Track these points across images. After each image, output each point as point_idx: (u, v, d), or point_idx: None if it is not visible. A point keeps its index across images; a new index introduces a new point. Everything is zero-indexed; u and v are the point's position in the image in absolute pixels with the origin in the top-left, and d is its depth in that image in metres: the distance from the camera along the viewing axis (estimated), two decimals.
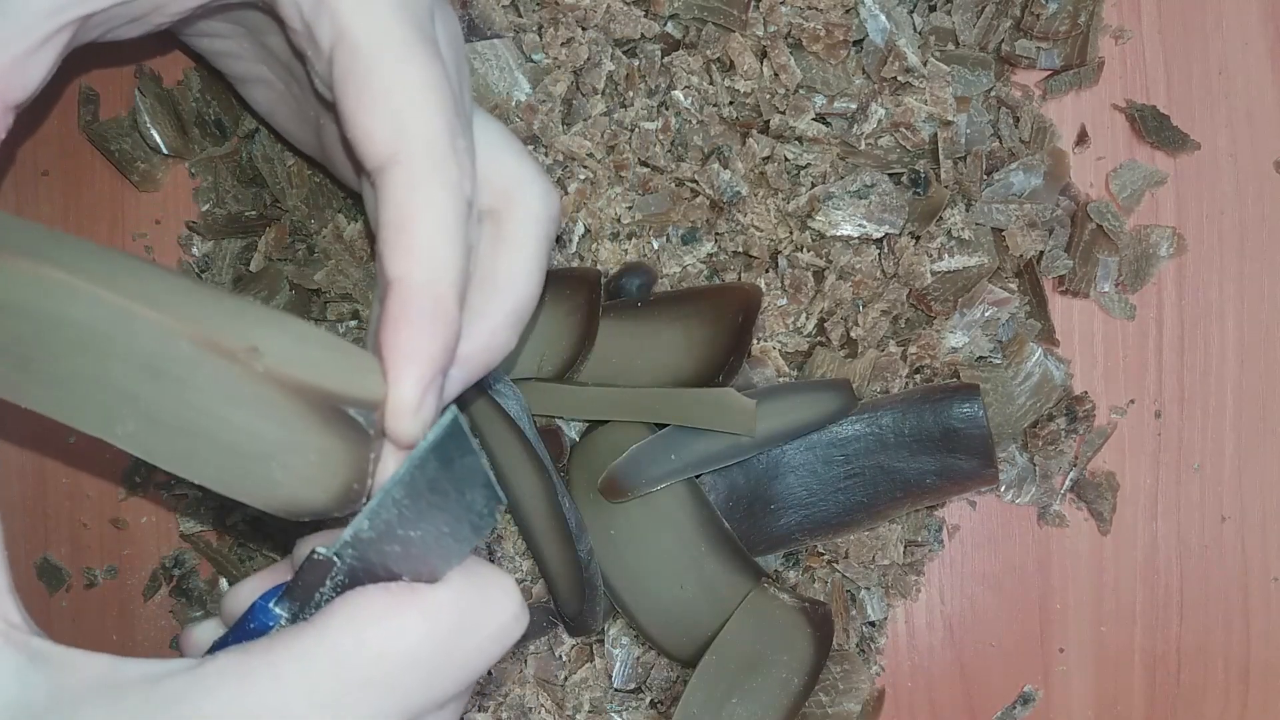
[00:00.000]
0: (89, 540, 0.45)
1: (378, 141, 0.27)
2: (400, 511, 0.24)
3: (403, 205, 0.27)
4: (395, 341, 0.26)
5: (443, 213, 0.27)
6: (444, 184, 0.27)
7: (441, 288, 0.27)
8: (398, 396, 0.26)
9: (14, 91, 0.28)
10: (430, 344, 0.27)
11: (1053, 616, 0.42)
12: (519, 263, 0.31)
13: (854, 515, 0.40)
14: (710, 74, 0.41)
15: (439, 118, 0.27)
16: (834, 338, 0.41)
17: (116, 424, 0.25)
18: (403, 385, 0.26)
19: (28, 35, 0.28)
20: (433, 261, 0.27)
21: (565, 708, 0.42)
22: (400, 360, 0.26)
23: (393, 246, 0.27)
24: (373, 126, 0.27)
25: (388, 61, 0.27)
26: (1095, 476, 0.42)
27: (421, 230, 0.27)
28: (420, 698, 0.25)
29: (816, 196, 0.40)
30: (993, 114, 0.41)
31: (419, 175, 0.27)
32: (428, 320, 0.27)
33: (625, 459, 0.39)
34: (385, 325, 0.27)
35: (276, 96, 0.38)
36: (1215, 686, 0.42)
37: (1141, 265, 0.42)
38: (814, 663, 0.39)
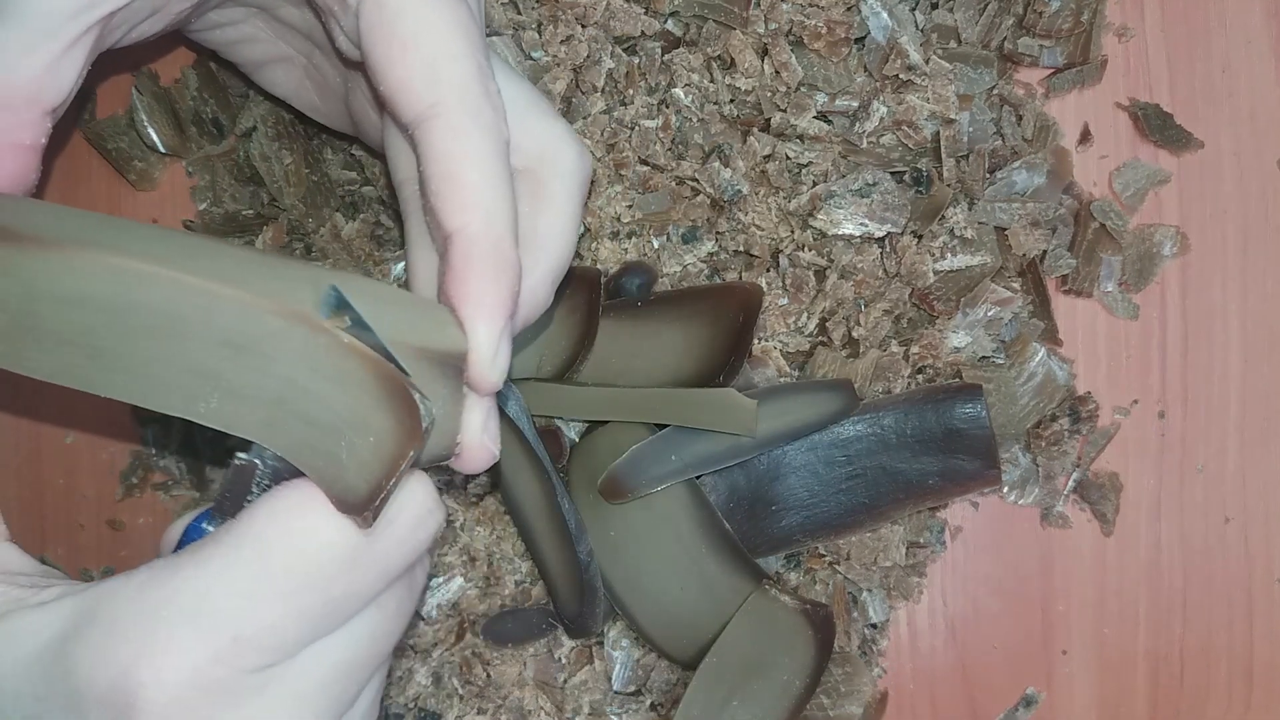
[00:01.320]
0: (86, 541, 0.45)
1: (413, 93, 0.27)
2: None
3: (449, 155, 0.27)
4: (465, 292, 0.27)
5: (488, 158, 0.28)
6: (485, 130, 0.28)
7: (499, 233, 0.27)
8: (478, 345, 0.27)
9: (49, 96, 0.28)
10: (500, 291, 0.27)
11: (1055, 618, 0.42)
12: (557, 221, 0.31)
13: (856, 516, 0.40)
14: (711, 72, 0.41)
15: (471, 62, 0.28)
16: (836, 337, 0.41)
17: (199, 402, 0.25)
18: (480, 334, 0.27)
19: (56, 39, 0.28)
20: (488, 208, 0.27)
21: (564, 710, 0.42)
22: (474, 310, 0.27)
23: (446, 199, 0.27)
24: (406, 77, 0.27)
25: (415, 9, 0.27)
26: (1098, 477, 0.42)
27: (472, 178, 0.27)
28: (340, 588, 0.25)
29: (818, 195, 0.40)
30: (995, 112, 0.41)
31: (460, 123, 0.27)
32: (492, 268, 0.27)
33: (625, 459, 0.39)
34: (451, 277, 0.27)
35: (299, 73, 0.38)
36: (1219, 688, 0.42)
37: (1145, 265, 0.42)
38: (815, 665, 0.39)
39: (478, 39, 0.28)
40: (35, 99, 0.28)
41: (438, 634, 0.42)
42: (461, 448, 0.27)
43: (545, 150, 0.31)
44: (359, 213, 0.43)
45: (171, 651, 0.24)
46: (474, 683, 0.42)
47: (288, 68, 0.38)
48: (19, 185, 0.29)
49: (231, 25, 0.36)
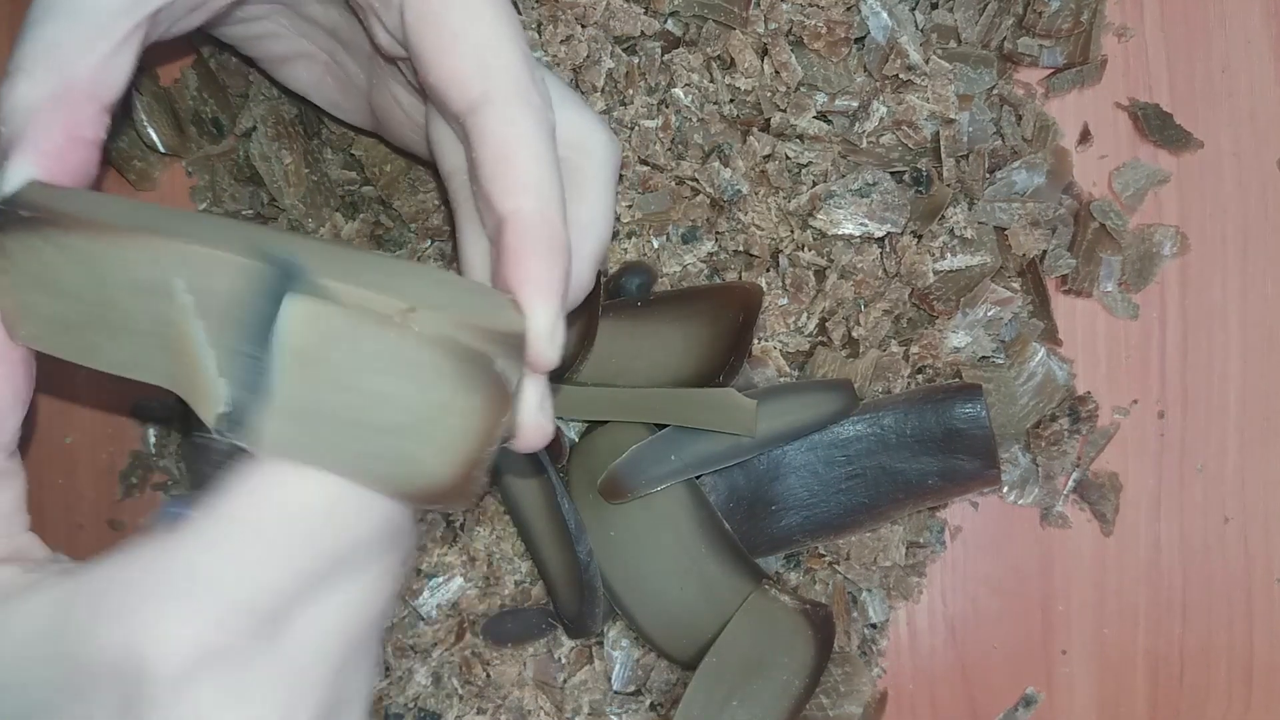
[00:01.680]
0: (86, 541, 0.45)
1: (464, 82, 0.28)
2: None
3: (502, 141, 0.28)
4: (522, 275, 0.27)
5: (540, 142, 0.28)
6: (535, 115, 0.28)
7: (552, 215, 0.28)
8: (537, 326, 0.27)
9: (106, 91, 0.29)
10: (554, 270, 0.28)
11: (1055, 618, 0.42)
12: (596, 207, 0.32)
13: (855, 516, 0.40)
14: (711, 71, 0.41)
15: (519, 50, 0.28)
16: (835, 337, 0.41)
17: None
18: (538, 315, 0.27)
19: (110, 35, 0.28)
20: (542, 191, 0.28)
21: (564, 710, 0.42)
22: (533, 290, 0.27)
23: (500, 182, 0.28)
24: (457, 67, 0.28)
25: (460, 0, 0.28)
26: (1098, 477, 0.42)
27: (526, 162, 0.28)
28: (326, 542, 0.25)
29: (818, 195, 0.40)
30: (995, 112, 0.41)
31: (512, 109, 0.28)
32: (547, 249, 0.28)
33: (625, 459, 0.39)
34: (508, 259, 0.27)
35: (320, 69, 0.38)
36: (1218, 688, 0.42)
37: (1144, 265, 0.42)
38: (815, 665, 0.39)
39: (520, 28, 0.29)
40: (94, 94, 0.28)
41: (437, 634, 0.42)
42: (520, 427, 0.28)
43: (580, 139, 0.32)
44: (359, 212, 0.43)
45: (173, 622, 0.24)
46: (474, 683, 0.42)
47: (309, 64, 0.38)
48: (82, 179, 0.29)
49: (255, 20, 0.36)
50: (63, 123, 0.28)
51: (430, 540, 0.42)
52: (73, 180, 0.29)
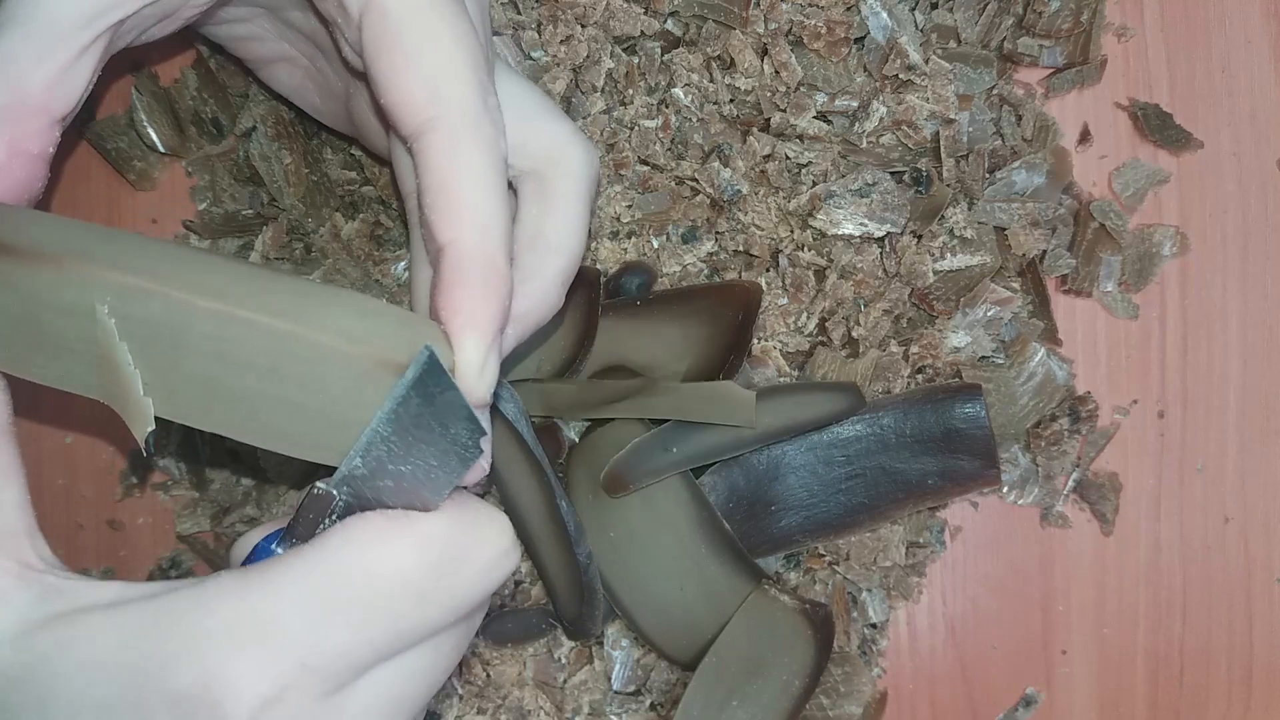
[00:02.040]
0: (85, 541, 0.45)
1: (413, 106, 0.28)
2: (390, 448, 0.25)
3: (445, 169, 0.27)
4: (454, 307, 0.27)
5: (484, 173, 0.28)
6: (482, 144, 0.28)
7: (491, 248, 0.27)
8: (464, 360, 0.27)
9: (59, 104, 0.28)
10: (487, 306, 0.27)
11: (1055, 618, 0.42)
12: (566, 222, 0.31)
13: (855, 516, 0.40)
14: (710, 71, 0.41)
15: (472, 77, 0.28)
16: (835, 337, 0.41)
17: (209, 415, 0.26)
18: (466, 349, 0.27)
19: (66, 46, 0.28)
20: (480, 223, 0.27)
21: (564, 710, 0.42)
22: (461, 325, 0.27)
23: (439, 212, 0.27)
24: (407, 90, 0.28)
25: (418, 23, 0.27)
26: (1098, 477, 0.42)
27: (466, 193, 0.27)
28: (409, 620, 0.25)
29: (818, 195, 0.40)
30: (995, 112, 0.41)
31: (458, 138, 0.27)
32: (482, 283, 0.27)
33: (626, 452, 0.39)
34: (441, 291, 0.27)
35: (301, 74, 0.38)
36: (1218, 688, 0.42)
37: (1144, 265, 0.42)
38: (815, 665, 0.39)
39: (480, 54, 0.28)
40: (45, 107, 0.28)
41: None
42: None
43: (552, 151, 0.31)
44: (359, 212, 0.43)
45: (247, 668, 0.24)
46: (474, 682, 0.42)
47: (290, 68, 0.38)
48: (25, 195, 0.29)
49: (238, 22, 0.36)
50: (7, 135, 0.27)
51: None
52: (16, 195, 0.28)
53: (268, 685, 0.24)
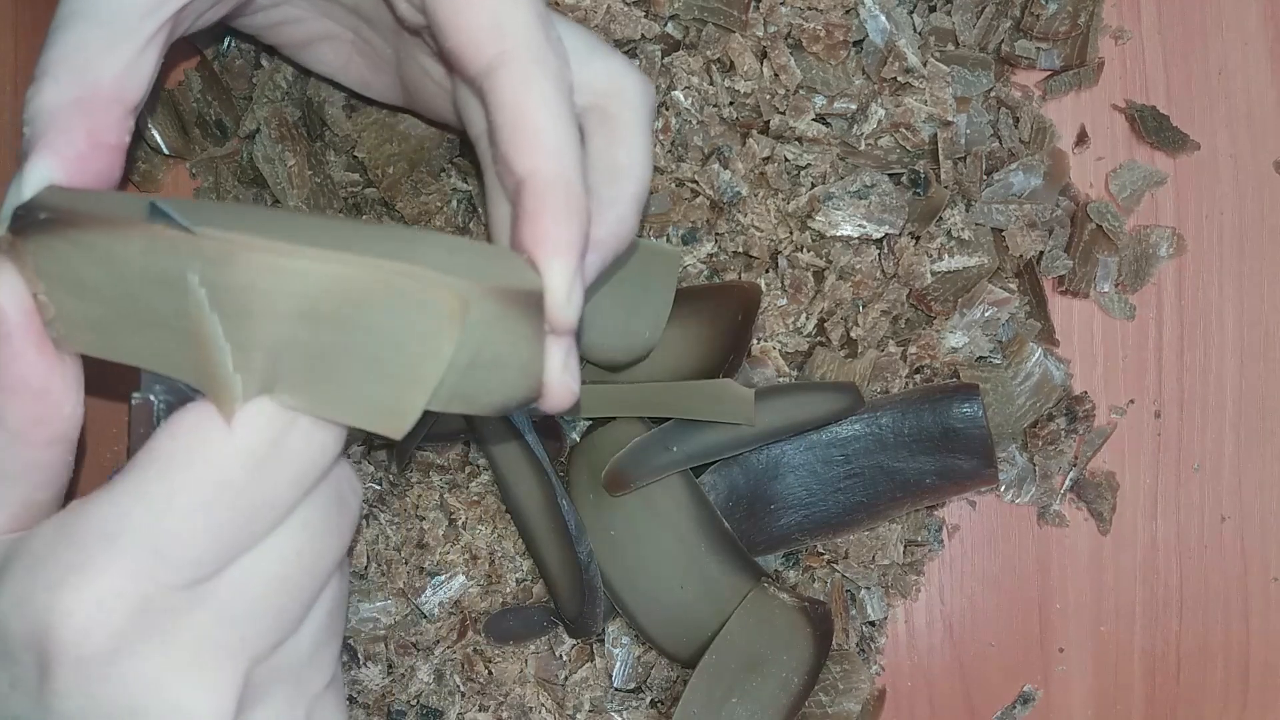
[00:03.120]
0: None
1: (479, 45, 0.28)
2: None
3: (517, 102, 0.28)
4: (539, 235, 0.27)
5: (556, 103, 0.28)
6: (550, 75, 0.28)
7: (569, 173, 0.28)
8: (553, 287, 0.27)
9: (131, 93, 0.29)
10: (571, 230, 0.28)
11: (1052, 616, 0.42)
12: (635, 150, 0.32)
13: (854, 515, 0.40)
14: (710, 74, 0.41)
15: (532, 11, 0.28)
16: (834, 338, 0.41)
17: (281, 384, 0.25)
18: (555, 276, 0.27)
19: (134, 37, 0.28)
20: (558, 152, 0.28)
21: (565, 707, 0.42)
22: (548, 253, 0.27)
23: (516, 144, 0.28)
24: (471, 30, 0.28)
25: None
26: (1095, 476, 0.42)
27: (540, 122, 0.28)
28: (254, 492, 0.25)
29: (816, 197, 0.40)
30: (993, 114, 0.41)
31: (527, 70, 0.28)
32: (564, 208, 0.28)
33: (627, 451, 0.39)
34: (525, 220, 0.28)
35: (347, 49, 0.38)
36: (1215, 686, 0.42)
37: (1141, 265, 0.42)
38: (814, 662, 0.39)
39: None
40: (118, 98, 0.28)
41: (439, 631, 0.42)
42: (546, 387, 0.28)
43: (612, 85, 0.32)
44: (362, 214, 0.43)
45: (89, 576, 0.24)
46: (476, 680, 0.42)
47: (335, 45, 0.38)
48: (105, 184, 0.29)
49: (274, 7, 0.36)
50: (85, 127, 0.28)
51: (432, 538, 0.42)
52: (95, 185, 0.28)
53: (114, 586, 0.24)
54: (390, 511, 0.42)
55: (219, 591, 0.25)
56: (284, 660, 0.27)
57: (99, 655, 0.24)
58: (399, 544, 0.42)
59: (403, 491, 0.42)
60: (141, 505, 0.24)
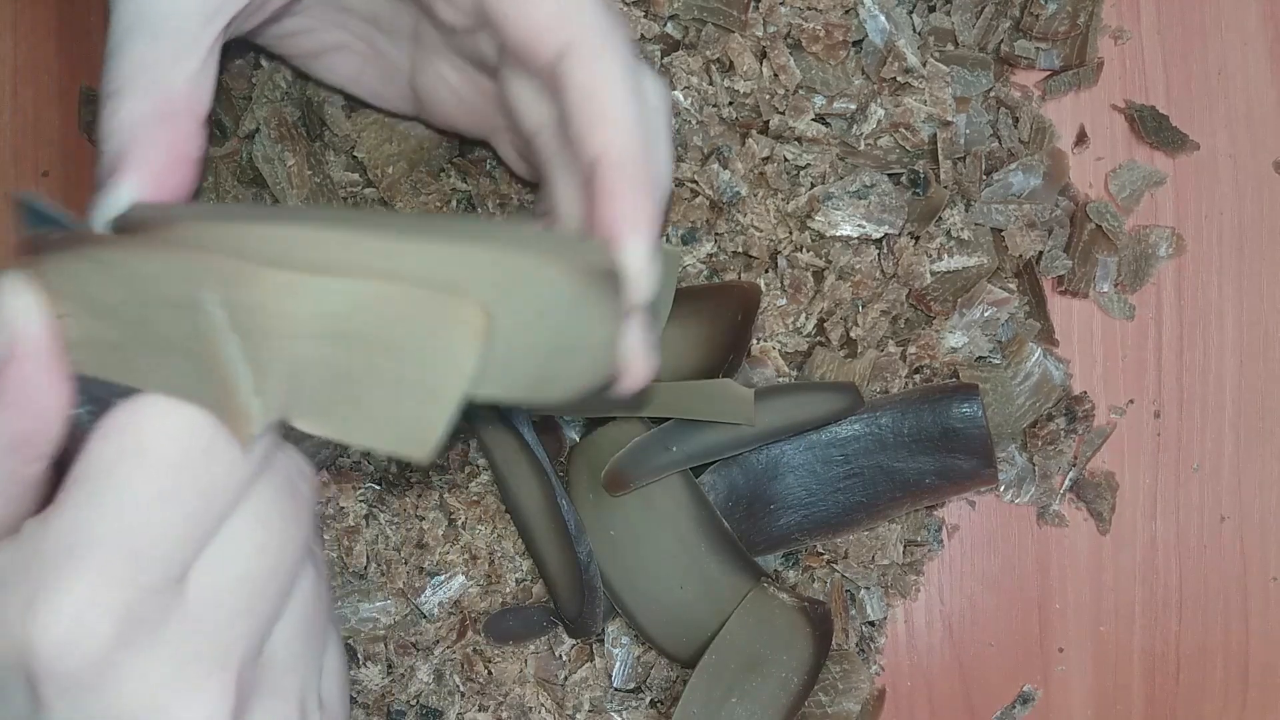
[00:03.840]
0: None
1: (549, 33, 0.29)
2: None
3: (591, 83, 0.29)
4: (618, 209, 0.28)
5: (625, 81, 0.29)
6: (620, 56, 0.29)
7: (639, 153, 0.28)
8: (633, 261, 0.28)
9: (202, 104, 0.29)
10: (648, 205, 0.28)
11: (1052, 616, 0.42)
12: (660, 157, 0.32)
13: (853, 515, 0.40)
14: (710, 74, 0.41)
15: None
16: (834, 338, 0.41)
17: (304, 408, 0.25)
18: (632, 250, 0.28)
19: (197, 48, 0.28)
20: (631, 128, 0.28)
21: (565, 707, 0.42)
22: (631, 223, 0.28)
23: (590, 123, 0.28)
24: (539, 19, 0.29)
25: None
26: (1094, 476, 0.42)
27: (614, 101, 0.29)
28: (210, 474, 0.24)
29: (816, 197, 0.40)
30: (992, 114, 0.42)
31: (597, 53, 0.29)
32: (641, 183, 0.28)
33: (627, 451, 0.39)
34: (602, 198, 0.28)
35: (358, 60, 0.38)
36: (1214, 686, 0.42)
37: (1140, 265, 0.42)
38: (813, 662, 0.39)
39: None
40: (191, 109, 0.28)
41: (439, 631, 0.42)
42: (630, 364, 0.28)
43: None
44: None
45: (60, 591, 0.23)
46: (475, 680, 0.42)
47: (346, 55, 0.38)
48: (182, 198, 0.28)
49: (291, 17, 0.36)
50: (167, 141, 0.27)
51: (432, 538, 0.42)
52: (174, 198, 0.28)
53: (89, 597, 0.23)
54: (390, 511, 0.42)
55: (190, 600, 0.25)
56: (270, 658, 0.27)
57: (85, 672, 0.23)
58: (398, 544, 0.42)
59: (402, 491, 0.42)
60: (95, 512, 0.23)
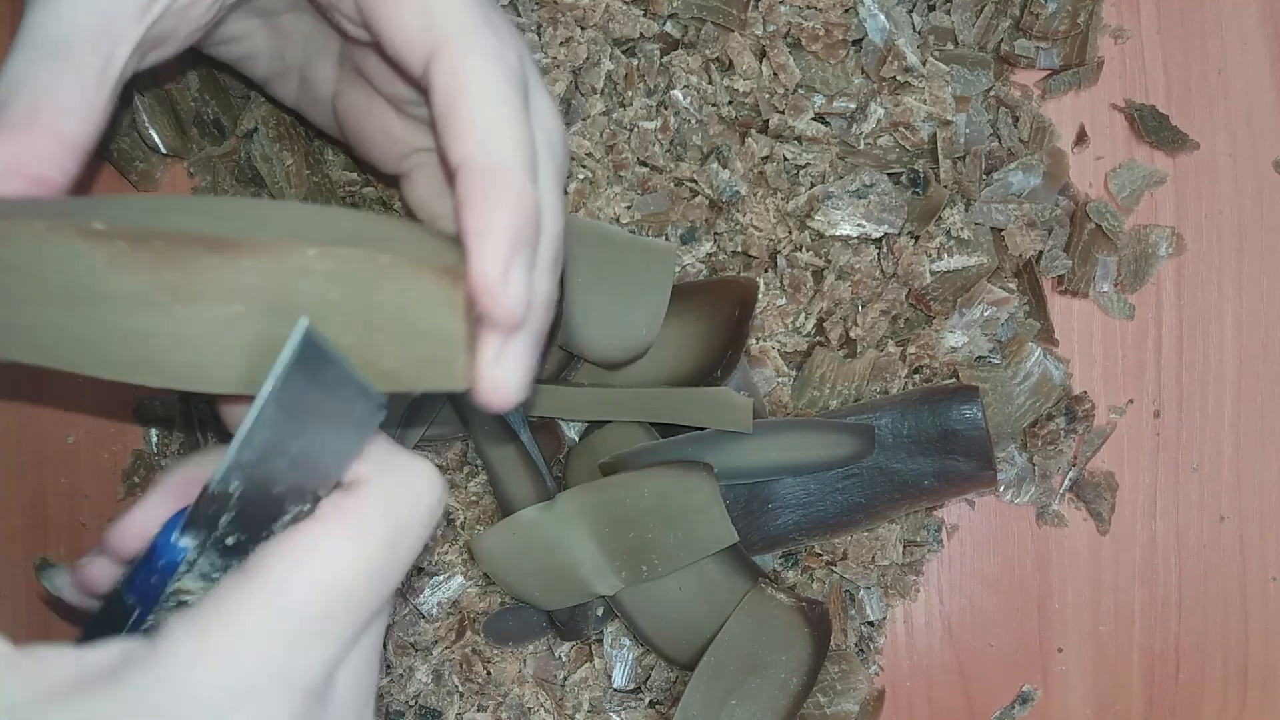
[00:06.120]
0: (88, 541, 0.45)
1: (414, 41, 0.27)
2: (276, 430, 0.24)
3: (449, 89, 0.27)
4: (467, 217, 0.26)
5: (491, 85, 0.27)
6: (486, 58, 0.27)
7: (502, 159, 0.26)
8: (480, 271, 0.25)
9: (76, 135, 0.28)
10: (505, 215, 0.26)
11: (1051, 616, 0.42)
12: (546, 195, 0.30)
13: (852, 516, 0.40)
14: (709, 73, 0.41)
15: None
16: (833, 337, 0.41)
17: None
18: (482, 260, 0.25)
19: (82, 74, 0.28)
20: (490, 135, 0.26)
21: (564, 707, 0.42)
22: (474, 238, 0.26)
23: (448, 134, 0.27)
24: (406, 27, 0.27)
25: None
26: (1094, 476, 0.42)
27: (472, 107, 0.27)
28: (373, 603, 0.25)
29: (815, 196, 0.40)
30: (992, 113, 0.41)
31: (459, 57, 0.27)
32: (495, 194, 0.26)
33: (631, 451, 0.39)
34: (459, 209, 0.26)
35: (299, 86, 0.38)
36: (1214, 686, 0.42)
37: (1140, 265, 0.42)
38: (812, 663, 0.39)
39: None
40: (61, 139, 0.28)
41: (438, 632, 0.42)
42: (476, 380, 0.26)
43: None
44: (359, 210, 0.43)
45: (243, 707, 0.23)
46: (474, 680, 0.42)
47: (287, 81, 0.38)
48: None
49: (235, 41, 0.36)
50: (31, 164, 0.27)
51: (430, 538, 0.42)
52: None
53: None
54: None
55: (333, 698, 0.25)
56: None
57: None
58: None
59: None
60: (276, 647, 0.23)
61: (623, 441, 0.40)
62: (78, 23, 0.28)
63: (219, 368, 0.25)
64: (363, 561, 0.24)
